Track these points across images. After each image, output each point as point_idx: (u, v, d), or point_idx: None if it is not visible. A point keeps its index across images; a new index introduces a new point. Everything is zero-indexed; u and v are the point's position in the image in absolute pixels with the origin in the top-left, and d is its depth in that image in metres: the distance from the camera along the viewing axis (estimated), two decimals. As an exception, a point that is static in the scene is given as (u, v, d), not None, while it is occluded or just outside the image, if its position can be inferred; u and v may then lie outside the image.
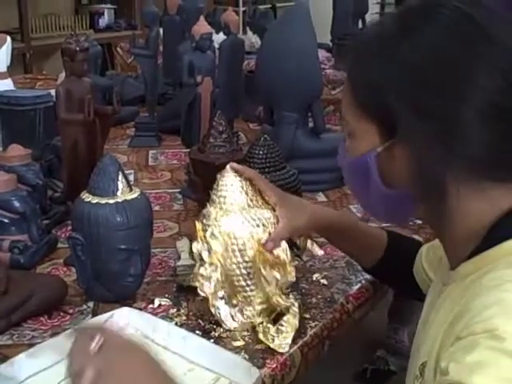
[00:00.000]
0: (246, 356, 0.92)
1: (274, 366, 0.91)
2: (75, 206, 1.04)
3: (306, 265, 1.20)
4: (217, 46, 1.80)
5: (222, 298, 0.97)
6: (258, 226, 0.94)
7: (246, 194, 0.97)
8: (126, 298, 1.06)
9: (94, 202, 1.01)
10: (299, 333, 0.97)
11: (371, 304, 1.15)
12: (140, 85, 2.07)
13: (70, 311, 1.04)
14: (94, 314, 1.04)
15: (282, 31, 1.46)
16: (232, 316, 0.97)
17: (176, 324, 1.00)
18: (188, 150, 1.53)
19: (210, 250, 0.95)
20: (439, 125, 0.68)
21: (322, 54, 2.52)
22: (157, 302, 1.07)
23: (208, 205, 0.98)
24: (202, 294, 0.96)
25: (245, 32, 3.24)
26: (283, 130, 1.52)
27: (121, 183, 1.02)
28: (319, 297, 1.09)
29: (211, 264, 0.94)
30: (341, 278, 1.15)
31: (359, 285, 1.13)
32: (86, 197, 1.02)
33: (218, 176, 0.98)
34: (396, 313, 1.93)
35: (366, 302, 1.12)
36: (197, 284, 0.96)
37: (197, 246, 0.96)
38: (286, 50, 1.45)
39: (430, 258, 0.97)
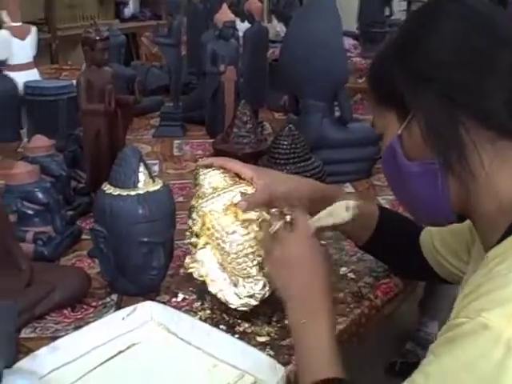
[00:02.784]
0: (271, 352, 0.90)
1: (300, 362, 0.89)
2: (97, 197, 1.03)
3: (332, 258, 1.17)
4: (241, 34, 1.78)
5: (223, 279, 0.95)
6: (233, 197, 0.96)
7: (223, 178, 0.99)
8: (149, 291, 1.04)
9: (116, 193, 0.99)
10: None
11: (401, 299, 1.11)
12: (164, 74, 2.05)
13: (94, 304, 1.03)
14: (118, 306, 1.02)
15: (307, 19, 1.42)
16: (237, 295, 0.94)
17: (200, 318, 0.98)
18: (212, 139, 1.51)
19: (197, 235, 0.96)
20: (433, 82, 0.72)
21: (349, 41, 2.48)
22: (180, 295, 1.05)
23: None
24: (200, 278, 0.95)
25: (270, 20, 3.21)
26: (309, 119, 1.48)
27: (142, 174, 1.00)
28: (346, 291, 1.06)
29: (198, 246, 0.96)
30: (369, 272, 1.12)
31: (388, 279, 1.10)
32: (108, 188, 1.00)
33: (193, 175, 1.03)
34: (426, 306, 1.90)
35: (396, 297, 1.09)
36: (192, 270, 0.96)
37: (190, 240, 0.98)
38: (311, 37, 1.42)
39: (447, 242, 0.97)
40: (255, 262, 0.94)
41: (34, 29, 2.21)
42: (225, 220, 0.96)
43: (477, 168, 0.71)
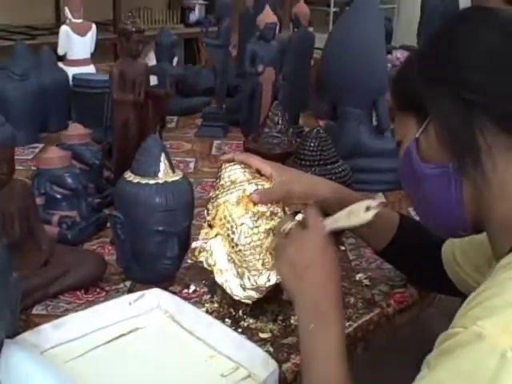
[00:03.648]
0: (271, 349, 0.90)
1: (299, 361, 0.88)
2: (118, 184, 1.05)
3: (351, 264, 1.16)
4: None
5: (230, 270, 0.95)
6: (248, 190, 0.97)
7: (242, 173, 0.99)
8: (162, 281, 1.06)
9: (135, 181, 1.01)
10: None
11: (416, 310, 1.09)
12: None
13: (107, 288, 1.05)
14: (130, 293, 1.04)
15: (350, 25, 1.42)
16: (242, 286, 0.94)
17: (207, 311, 0.98)
18: (247, 139, 1.52)
19: (210, 225, 0.97)
20: (451, 85, 0.72)
21: (403, 54, 2.45)
22: (192, 287, 1.06)
23: None
24: (209, 268, 0.96)
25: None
26: (345, 126, 1.47)
27: (163, 164, 1.02)
28: (359, 297, 1.05)
29: (209, 235, 0.96)
30: (385, 280, 1.10)
31: (403, 288, 1.08)
32: (129, 176, 1.03)
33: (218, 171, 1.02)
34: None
35: (410, 308, 1.06)
36: (202, 258, 0.96)
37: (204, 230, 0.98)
38: (352, 44, 1.41)
39: (465, 247, 0.95)
40: (261, 256, 0.94)
41: (94, 27, 2.27)
42: (236, 211, 0.96)
43: (491, 173, 0.70)
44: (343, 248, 1.22)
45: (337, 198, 1.02)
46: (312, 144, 1.15)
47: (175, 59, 2.41)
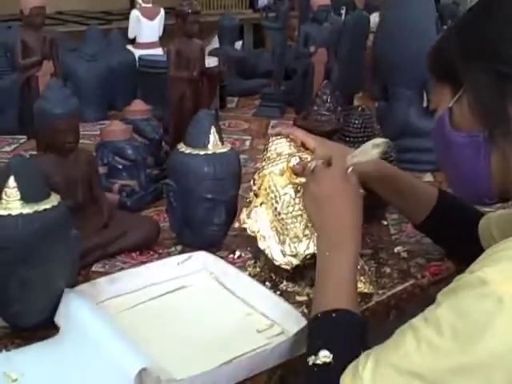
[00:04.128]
0: (306, 310, 0.95)
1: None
2: (171, 155, 1.13)
3: (391, 238, 1.21)
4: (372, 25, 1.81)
5: (272, 237, 1.01)
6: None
7: (288, 146, 1.05)
8: (210, 246, 1.13)
9: (187, 152, 1.09)
10: (364, 297, 0.99)
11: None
12: (275, 59, 2.14)
13: (160, 251, 1.14)
14: (180, 256, 1.12)
15: (402, 9, 1.45)
16: (282, 252, 1.00)
17: (249, 274, 1.05)
18: (300, 118, 1.57)
19: (256, 194, 1.03)
20: (486, 57, 0.75)
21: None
22: (237, 253, 1.13)
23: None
24: (252, 234, 1.02)
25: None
26: (396, 106, 1.51)
27: (213, 136, 1.09)
28: (395, 268, 1.09)
29: (254, 203, 1.03)
30: (423, 254, 1.14)
31: (440, 262, 1.12)
32: (181, 147, 1.11)
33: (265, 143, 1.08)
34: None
35: (444, 280, 1.10)
36: (247, 225, 1.02)
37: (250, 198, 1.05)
38: (402, 25, 1.44)
39: (501, 225, 0.97)
40: (302, 224, 1.00)
41: (162, 11, 2.37)
42: (280, 182, 1.03)
43: None
44: (385, 223, 1.26)
45: (379, 172, 1.07)
46: (356, 121, 1.20)
47: (239, 42, 2.49)
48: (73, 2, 3.90)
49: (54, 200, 0.88)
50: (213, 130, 1.09)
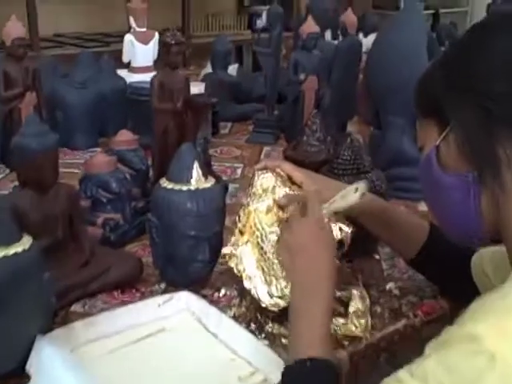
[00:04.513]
0: (291, 355, 0.92)
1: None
2: (154, 190, 1.10)
3: (383, 273, 1.17)
4: (365, 49, 1.78)
5: (258, 277, 0.97)
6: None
7: (274, 182, 1.01)
8: (195, 283, 1.10)
9: (169, 187, 1.06)
10: (353, 339, 0.95)
11: (446, 322, 1.07)
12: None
13: (142, 289, 1.10)
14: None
15: (394, 32, 1.42)
16: (269, 293, 0.96)
17: (234, 315, 1.01)
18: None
19: (241, 232, 0.99)
20: (474, 94, 0.72)
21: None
22: (223, 291, 1.09)
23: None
24: (238, 273, 0.98)
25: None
26: (388, 134, 1.48)
27: (195, 172, 1.06)
28: (386, 306, 1.05)
29: (240, 241, 0.99)
30: (415, 291, 1.10)
31: (433, 300, 1.08)
32: (164, 182, 1.07)
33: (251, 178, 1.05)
34: None
35: (438, 320, 1.06)
36: (232, 264, 0.98)
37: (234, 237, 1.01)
38: (396, 52, 1.41)
39: (494, 261, 0.94)
40: None
41: (156, 35, 2.35)
42: (266, 220, 0.99)
43: (510, 184, 0.71)
44: (377, 257, 1.22)
45: (366, 206, 1.03)
46: (345, 153, 1.16)
47: (234, 66, 2.46)
48: (71, 24, 3.91)
49: (25, 243, 0.85)
50: (195, 164, 1.06)
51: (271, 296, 0.97)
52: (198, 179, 1.06)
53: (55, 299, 0.98)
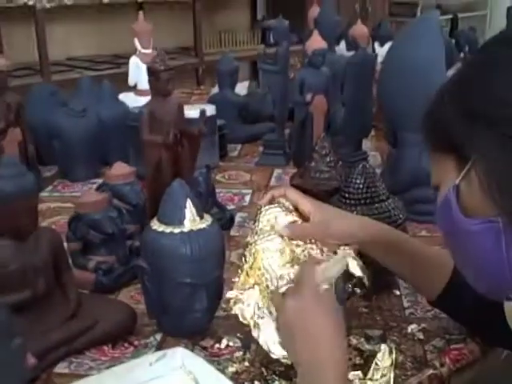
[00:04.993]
0: (299, 420, 0.80)
1: None
2: (144, 232, 0.99)
3: (404, 312, 1.04)
4: (380, 59, 1.68)
5: (268, 325, 0.85)
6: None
7: (284, 216, 0.91)
8: (194, 333, 0.99)
9: (160, 230, 0.95)
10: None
11: (477, 370, 0.95)
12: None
13: (135, 343, 0.99)
14: (159, 347, 0.98)
15: (408, 45, 1.30)
16: (281, 344, 0.83)
17: (236, 372, 0.90)
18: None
19: (247, 274, 0.88)
20: (502, 125, 0.61)
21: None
22: (224, 341, 0.98)
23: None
24: (244, 321, 0.87)
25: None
26: (406, 153, 1.36)
27: (189, 211, 0.95)
28: (408, 354, 0.93)
29: (246, 285, 0.88)
30: (442, 333, 0.98)
31: (462, 344, 0.95)
32: (153, 224, 0.97)
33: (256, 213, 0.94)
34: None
35: (468, 368, 0.93)
36: (237, 311, 0.87)
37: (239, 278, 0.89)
38: (411, 65, 1.30)
39: None
40: None
41: (162, 55, 2.26)
42: (276, 260, 0.88)
43: None
44: (398, 293, 1.10)
45: (379, 240, 0.92)
46: (357, 181, 1.05)
47: (244, 83, 2.37)
48: (83, 48, 3.86)
49: (-11, 306, 0.75)
50: (189, 203, 0.95)
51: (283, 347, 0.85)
52: (191, 219, 0.95)
53: (35, 360, 0.89)
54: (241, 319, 0.89)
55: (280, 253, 0.88)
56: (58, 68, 3.53)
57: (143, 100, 1.97)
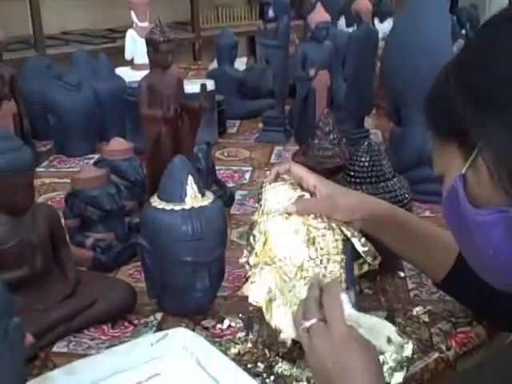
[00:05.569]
0: (304, 402, 0.78)
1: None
2: (143, 210, 0.97)
3: (409, 294, 1.02)
4: (381, 35, 1.64)
5: (280, 306, 0.83)
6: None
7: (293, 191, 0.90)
8: (195, 313, 0.97)
9: (160, 207, 0.92)
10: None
11: (483, 354, 0.93)
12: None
13: (135, 322, 0.97)
14: (159, 327, 0.95)
15: (413, 21, 1.26)
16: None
17: (239, 352, 0.88)
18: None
19: (257, 254, 0.86)
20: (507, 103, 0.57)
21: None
22: (226, 321, 0.96)
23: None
24: (255, 303, 0.84)
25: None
26: (410, 132, 1.33)
27: (190, 188, 0.92)
28: (414, 337, 0.91)
29: (256, 266, 0.85)
30: (447, 316, 0.96)
31: (469, 327, 0.93)
32: (154, 201, 0.94)
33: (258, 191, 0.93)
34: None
35: (474, 351, 0.91)
36: (248, 293, 0.84)
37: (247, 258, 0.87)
38: (416, 42, 1.26)
39: None
40: None
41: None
42: (287, 239, 0.85)
43: None
44: (402, 275, 1.08)
45: (383, 219, 0.90)
46: (363, 159, 1.02)
47: (242, 59, 2.32)
48: (78, 22, 3.79)
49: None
50: (190, 180, 0.92)
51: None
52: (193, 197, 0.92)
53: (33, 339, 0.87)
54: (251, 301, 0.86)
55: (295, 232, 0.86)
56: (52, 42, 3.48)
57: (140, 75, 1.92)
